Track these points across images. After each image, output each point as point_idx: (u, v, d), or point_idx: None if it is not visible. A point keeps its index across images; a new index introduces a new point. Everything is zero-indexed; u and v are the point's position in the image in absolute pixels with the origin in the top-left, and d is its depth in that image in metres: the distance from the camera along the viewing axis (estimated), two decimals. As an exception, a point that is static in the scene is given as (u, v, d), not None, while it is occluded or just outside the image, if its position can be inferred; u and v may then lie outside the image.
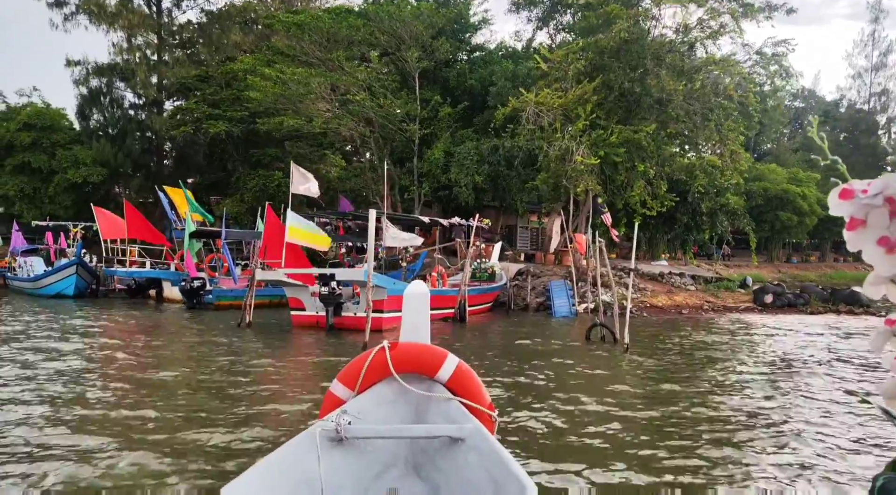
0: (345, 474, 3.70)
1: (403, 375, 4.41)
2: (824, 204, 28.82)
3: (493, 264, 25.29)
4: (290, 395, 9.31)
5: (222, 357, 12.69)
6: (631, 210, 25.61)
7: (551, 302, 22.73)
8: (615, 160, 22.97)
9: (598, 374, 11.40)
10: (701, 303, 23.89)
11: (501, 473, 3.19)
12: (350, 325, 17.40)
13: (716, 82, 24.01)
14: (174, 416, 7.62)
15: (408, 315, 5.00)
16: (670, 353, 14.16)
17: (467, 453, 3.69)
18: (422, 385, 4.48)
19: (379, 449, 4.00)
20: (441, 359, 4.47)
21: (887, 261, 0.88)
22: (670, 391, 9.84)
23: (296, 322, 17.94)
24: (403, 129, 30.73)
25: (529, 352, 14.05)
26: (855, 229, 0.91)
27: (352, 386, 4.41)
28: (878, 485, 0.97)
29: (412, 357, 4.52)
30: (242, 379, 10.27)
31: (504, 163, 29.20)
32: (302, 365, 12.47)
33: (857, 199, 0.89)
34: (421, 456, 4.08)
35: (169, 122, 39.63)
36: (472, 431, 3.78)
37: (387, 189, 32.34)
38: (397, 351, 4.49)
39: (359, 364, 4.47)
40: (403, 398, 4.49)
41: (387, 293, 17.14)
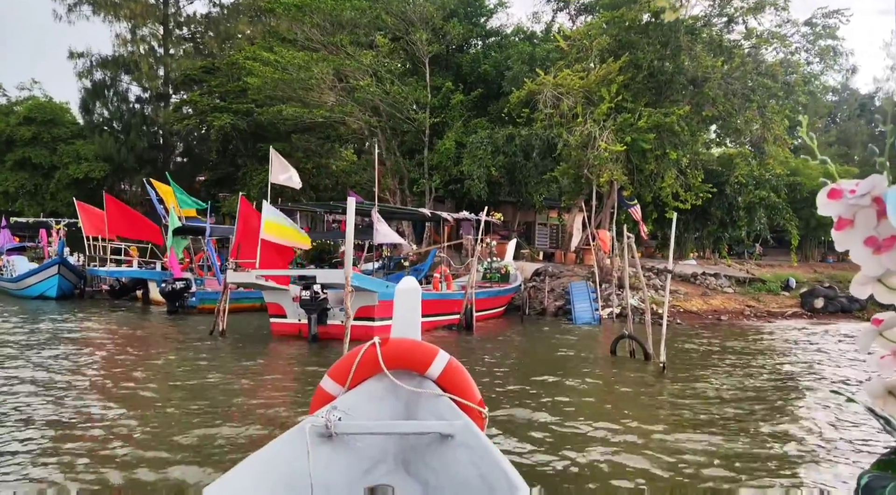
0: (334, 470, 3.67)
1: (394, 371, 4.39)
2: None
3: (507, 264, 22.48)
4: (256, 425, 7.08)
5: (184, 374, 10.22)
6: (661, 203, 22.66)
7: (571, 306, 19.89)
8: (643, 147, 20.04)
9: (627, 410, 8.59)
10: (741, 307, 20.87)
11: (491, 470, 3.18)
12: (337, 335, 14.74)
13: (758, 59, 20.97)
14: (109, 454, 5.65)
15: (399, 311, 5.00)
16: (718, 375, 11.29)
17: (457, 449, 3.65)
18: (412, 381, 4.45)
19: (369, 446, 3.97)
20: (432, 356, 4.43)
21: (874, 262, 0.90)
22: (729, 450, 6.96)
23: (276, 330, 15.35)
24: (412, 119, 28.04)
25: (543, 371, 11.29)
26: (843, 229, 0.92)
27: (342, 382, 4.40)
28: (863, 484, 0.97)
29: (403, 353, 4.47)
30: (196, 406, 7.86)
31: (521, 154, 26.36)
32: (275, 385, 9.83)
33: (845, 199, 0.91)
34: (410, 452, 4.03)
35: (173, 116, 37.44)
36: (462, 428, 3.74)
37: (393, 182, 29.74)
38: (388, 347, 4.46)
39: (349, 359, 4.45)
40: (394, 394, 4.47)
41: (378, 298, 14.47)
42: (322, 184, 37.15)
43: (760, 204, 25.04)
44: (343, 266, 24.88)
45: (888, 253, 0.89)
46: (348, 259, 11.48)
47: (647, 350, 12.50)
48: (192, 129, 41.35)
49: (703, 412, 8.33)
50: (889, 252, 0.89)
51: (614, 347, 13.11)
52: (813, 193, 34.37)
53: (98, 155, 37.76)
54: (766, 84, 20.78)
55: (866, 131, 65.96)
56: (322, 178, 37.64)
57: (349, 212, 11.28)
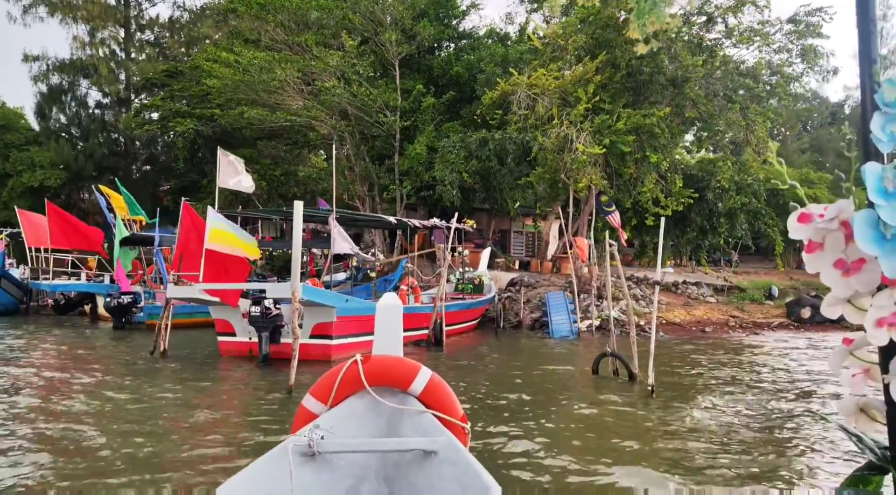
0: (317, 489, 3.66)
1: (376, 388, 4.33)
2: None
3: (481, 273, 21.16)
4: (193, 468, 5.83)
5: (114, 405, 8.75)
6: (641, 209, 21.49)
7: (548, 318, 18.60)
8: (623, 149, 18.85)
9: (614, 440, 7.27)
10: (725, 318, 19.74)
11: (475, 486, 3.17)
12: (291, 355, 13.29)
13: (738, 60, 19.96)
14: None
15: (381, 327, 4.78)
16: (711, 398, 10.02)
17: (440, 466, 3.65)
18: (395, 398, 4.40)
19: (352, 464, 3.94)
20: (414, 372, 4.40)
21: (843, 284, 0.91)
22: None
23: (224, 350, 13.80)
24: (381, 122, 26.65)
25: (519, 394, 9.94)
26: (813, 252, 0.94)
27: (324, 400, 4.33)
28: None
29: (385, 370, 4.43)
30: (124, 443, 6.39)
31: (495, 159, 25.08)
32: (216, 420, 8.32)
33: (815, 223, 0.93)
34: (394, 469, 4.01)
35: (134, 121, 35.58)
36: (445, 444, 3.75)
37: (363, 188, 28.28)
38: (370, 364, 4.41)
39: (331, 377, 4.38)
40: (376, 411, 4.39)
41: (336, 313, 13.02)
42: (291, 192, 35.59)
43: (742, 209, 24.01)
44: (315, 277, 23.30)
45: (856, 275, 0.91)
46: (295, 271, 10.06)
47: (632, 369, 11.23)
48: (155, 136, 39.56)
49: (699, 448, 7.02)
50: (857, 274, 0.91)
51: (596, 366, 11.82)
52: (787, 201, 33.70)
53: (54, 162, 35.78)
54: (748, 85, 19.75)
55: (838, 139, 66.03)
56: (291, 186, 36.11)
57: (296, 219, 9.87)
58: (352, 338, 13.48)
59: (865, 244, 0.87)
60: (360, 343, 13.78)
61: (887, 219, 0.87)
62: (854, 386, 0.98)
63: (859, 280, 0.90)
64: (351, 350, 13.60)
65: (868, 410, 0.99)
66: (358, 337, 13.65)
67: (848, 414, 0.99)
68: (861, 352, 0.98)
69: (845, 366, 0.99)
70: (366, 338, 14.36)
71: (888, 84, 0.91)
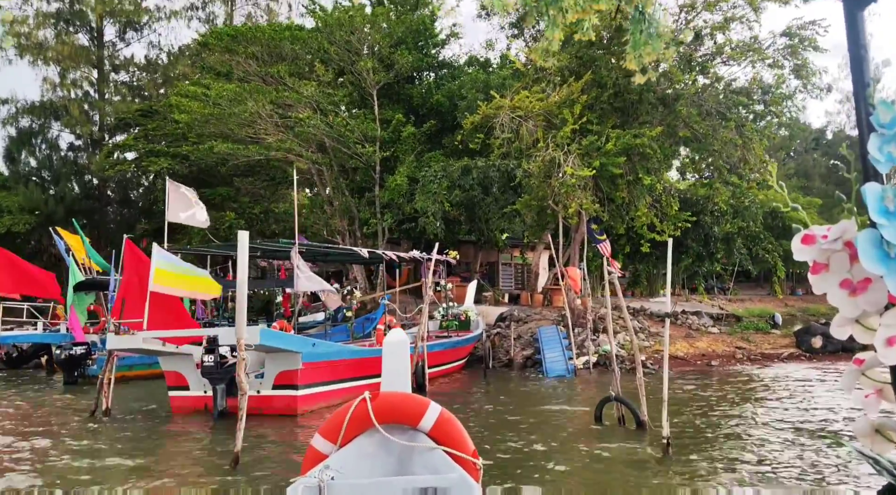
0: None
1: (386, 426, 4.26)
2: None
3: (467, 309, 19.54)
4: None
5: (40, 470, 7.08)
6: (635, 236, 20.10)
7: (541, 355, 16.97)
8: (613, 171, 17.51)
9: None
10: (731, 350, 18.18)
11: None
12: (252, 409, 11.59)
13: (732, 77, 18.85)
14: None
15: (388, 364, 4.77)
16: (733, 445, 8.43)
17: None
18: (404, 435, 4.33)
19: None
20: (423, 408, 4.33)
21: (850, 304, 0.91)
22: None
23: (176, 406, 12.03)
24: (360, 154, 25.30)
25: (511, 449, 8.31)
26: (818, 273, 0.95)
27: (333, 440, 4.28)
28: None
29: (394, 407, 4.35)
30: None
31: (479, 188, 23.71)
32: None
33: (819, 244, 0.94)
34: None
35: (106, 162, 34.07)
36: (457, 481, 3.71)
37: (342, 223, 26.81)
38: (379, 401, 4.34)
39: (340, 416, 4.33)
40: (386, 449, 4.33)
41: (301, 360, 11.36)
42: (270, 229, 34.08)
43: (739, 234, 22.67)
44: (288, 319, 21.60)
45: (863, 294, 0.91)
46: (240, 313, 8.47)
47: (641, 417, 9.62)
48: (129, 177, 38.20)
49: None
50: (864, 294, 0.91)
51: (599, 412, 10.19)
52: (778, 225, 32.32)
53: (23, 207, 34.10)
54: (742, 101, 18.58)
55: (823, 163, 65.49)
56: (270, 224, 34.61)
57: (241, 252, 8.32)
58: (321, 386, 11.80)
59: (870, 263, 0.88)
60: (332, 392, 12.11)
61: (890, 238, 0.88)
62: (867, 406, 0.99)
63: (866, 299, 0.92)
64: (320, 401, 11.90)
65: (884, 431, 0.99)
66: (329, 385, 11.99)
67: (863, 436, 1.00)
68: (873, 371, 0.99)
69: (858, 387, 0.99)
70: (338, 386, 12.72)
71: (882, 106, 0.95)
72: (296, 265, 11.54)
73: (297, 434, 10.16)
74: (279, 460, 8.28)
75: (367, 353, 13.16)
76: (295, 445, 9.20)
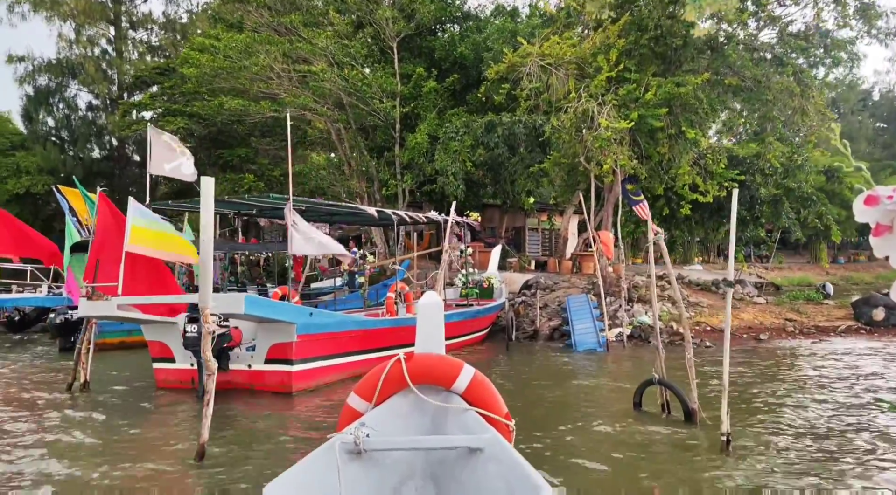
0: (364, 486, 3.59)
1: (420, 386, 4.30)
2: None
3: (491, 275, 17.89)
4: None
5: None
6: (675, 197, 18.18)
7: (570, 327, 15.32)
8: (653, 124, 15.54)
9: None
10: (780, 322, 16.30)
11: (521, 482, 3.06)
12: (243, 384, 10.21)
13: (789, 18, 16.58)
14: None
15: (422, 326, 4.70)
16: (800, 442, 6.75)
17: (486, 463, 3.54)
18: (438, 396, 4.36)
19: (397, 461, 3.86)
20: (457, 370, 4.36)
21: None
22: None
23: (160, 379, 10.70)
24: (378, 110, 23.55)
25: (535, 442, 6.74)
26: (881, 235, 0.97)
27: (369, 399, 4.33)
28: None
29: (428, 368, 4.39)
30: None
31: (504, 146, 21.86)
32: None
33: (883, 205, 0.95)
34: (439, 467, 3.91)
35: (122, 122, 32.85)
36: (491, 441, 3.66)
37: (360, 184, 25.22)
38: (413, 362, 4.39)
39: (375, 376, 4.38)
40: (420, 409, 4.36)
41: (296, 331, 9.88)
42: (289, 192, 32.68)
43: (788, 196, 20.53)
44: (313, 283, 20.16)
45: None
46: (205, 277, 6.93)
47: (690, 404, 7.97)
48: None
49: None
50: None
51: (639, 398, 8.55)
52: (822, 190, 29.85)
53: (41, 167, 33.17)
54: (801, 45, 16.34)
55: (869, 126, 61.79)
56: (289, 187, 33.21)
57: (204, 204, 6.77)
58: (320, 361, 10.33)
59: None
60: (333, 367, 10.65)
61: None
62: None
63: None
64: (319, 377, 10.44)
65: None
66: (329, 359, 10.51)
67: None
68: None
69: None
70: (340, 361, 11.27)
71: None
72: (289, 224, 9.98)
73: (289, 421, 8.69)
74: (257, 453, 6.81)
75: (374, 324, 11.64)
76: (277, 437, 7.72)
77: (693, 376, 7.89)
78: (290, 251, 10.02)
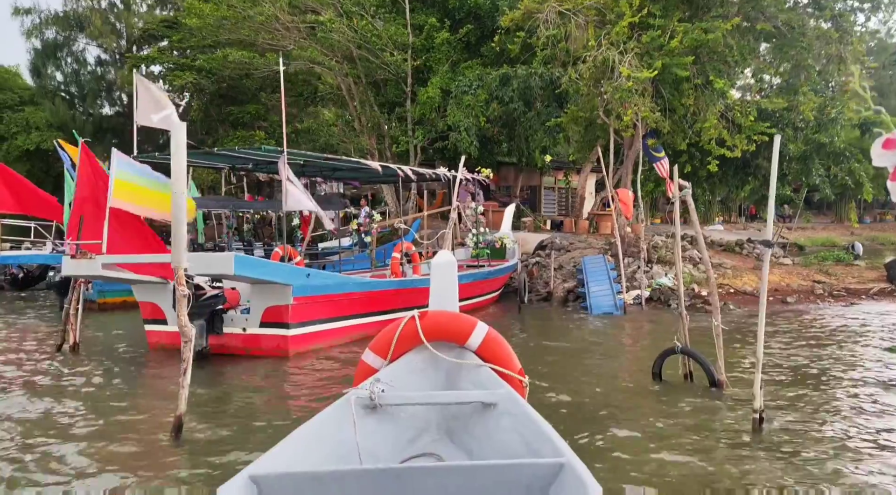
0: (380, 440, 3.60)
1: (434, 343, 4.35)
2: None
3: (504, 235, 17.07)
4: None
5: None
6: (698, 153, 17.16)
7: (585, 289, 14.56)
8: (679, 74, 14.45)
9: None
10: (808, 284, 15.41)
11: (535, 436, 3.09)
12: (238, 349, 9.62)
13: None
14: None
15: (436, 284, 4.78)
16: (843, 422, 5.98)
17: (500, 418, 3.57)
18: (452, 352, 4.41)
19: (412, 416, 3.88)
20: (471, 327, 4.41)
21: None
22: None
23: (153, 343, 10.14)
24: (388, 63, 22.50)
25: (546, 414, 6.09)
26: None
27: (384, 355, 4.38)
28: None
29: (442, 325, 4.43)
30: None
31: (519, 101, 20.81)
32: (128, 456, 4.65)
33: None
34: (453, 421, 3.93)
35: (129, 77, 32.00)
36: (504, 396, 3.68)
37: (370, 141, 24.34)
38: (427, 319, 4.43)
39: (390, 333, 4.44)
40: (434, 365, 4.41)
41: (293, 293, 9.22)
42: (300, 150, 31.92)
43: (819, 151, 19.37)
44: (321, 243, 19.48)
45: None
46: (176, 234, 6.22)
47: (716, 375, 7.25)
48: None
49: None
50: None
51: (659, 367, 7.82)
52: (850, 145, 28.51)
53: (51, 123, 32.55)
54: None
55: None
56: (301, 145, 32.41)
57: (175, 155, 6.04)
58: (318, 324, 9.69)
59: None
60: (331, 331, 10.01)
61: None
62: None
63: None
64: (317, 341, 9.81)
65: None
66: (327, 323, 9.86)
67: None
68: None
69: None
70: (339, 324, 10.62)
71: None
72: (284, 178, 9.22)
73: (283, 388, 8.09)
74: (240, 423, 6.19)
75: (377, 286, 10.95)
76: (268, 409, 7.12)
77: (720, 345, 7.15)
78: (285, 207, 9.28)
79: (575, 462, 2.52)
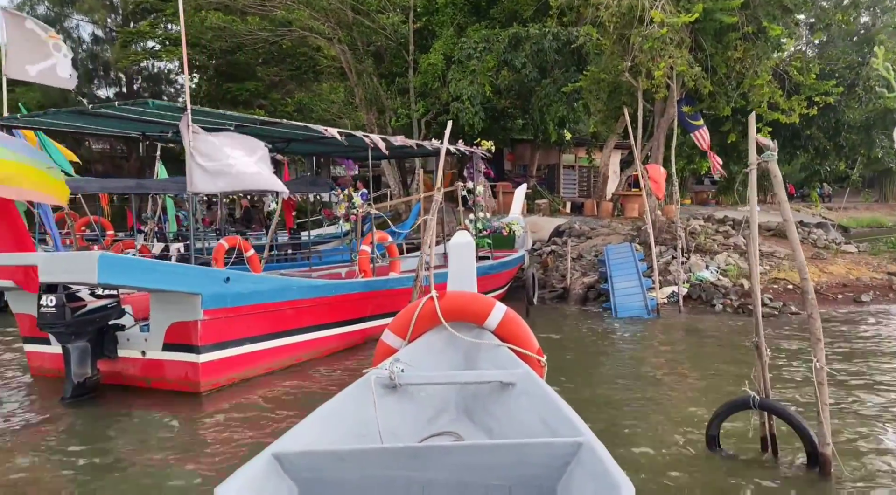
0: (400, 419, 3.56)
1: (453, 323, 4.34)
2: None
3: (513, 221, 14.18)
4: None
5: None
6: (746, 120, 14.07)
7: (609, 286, 11.75)
8: (723, 20, 11.44)
9: None
10: (882, 277, 12.39)
11: (553, 415, 3.05)
12: (136, 379, 7.06)
13: None
14: None
15: (454, 265, 4.78)
16: None
17: (518, 397, 3.56)
18: (471, 332, 4.39)
19: (432, 395, 3.88)
20: (489, 307, 4.37)
21: None
22: None
23: (35, 367, 7.63)
24: (385, 26, 19.68)
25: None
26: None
27: (403, 335, 4.39)
28: None
29: (460, 305, 4.40)
30: None
31: (532, 66, 17.89)
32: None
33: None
34: (472, 401, 3.93)
35: (121, 52, 29.75)
36: (523, 376, 3.67)
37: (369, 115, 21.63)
38: (446, 300, 4.39)
39: (409, 313, 4.43)
40: (453, 345, 4.40)
41: (201, 306, 6.58)
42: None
43: (885, 118, 16.17)
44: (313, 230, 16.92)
45: None
46: None
47: (818, 443, 4.47)
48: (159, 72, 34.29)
49: None
50: None
51: (716, 429, 5.00)
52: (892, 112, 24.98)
53: (42, 104, 30.39)
54: None
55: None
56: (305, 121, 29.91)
57: None
58: (244, 345, 7.05)
59: None
60: (266, 352, 7.37)
61: None
62: None
63: None
64: (243, 368, 7.16)
65: None
66: (259, 342, 7.21)
67: None
68: None
69: None
70: (278, 342, 7.94)
71: None
72: (188, 148, 6.52)
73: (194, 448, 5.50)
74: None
75: (333, 289, 8.25)
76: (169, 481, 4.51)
77: (825, 399, 4.36)
78: (189, 188, 6.59)
79: (593, 441, 2.48)
